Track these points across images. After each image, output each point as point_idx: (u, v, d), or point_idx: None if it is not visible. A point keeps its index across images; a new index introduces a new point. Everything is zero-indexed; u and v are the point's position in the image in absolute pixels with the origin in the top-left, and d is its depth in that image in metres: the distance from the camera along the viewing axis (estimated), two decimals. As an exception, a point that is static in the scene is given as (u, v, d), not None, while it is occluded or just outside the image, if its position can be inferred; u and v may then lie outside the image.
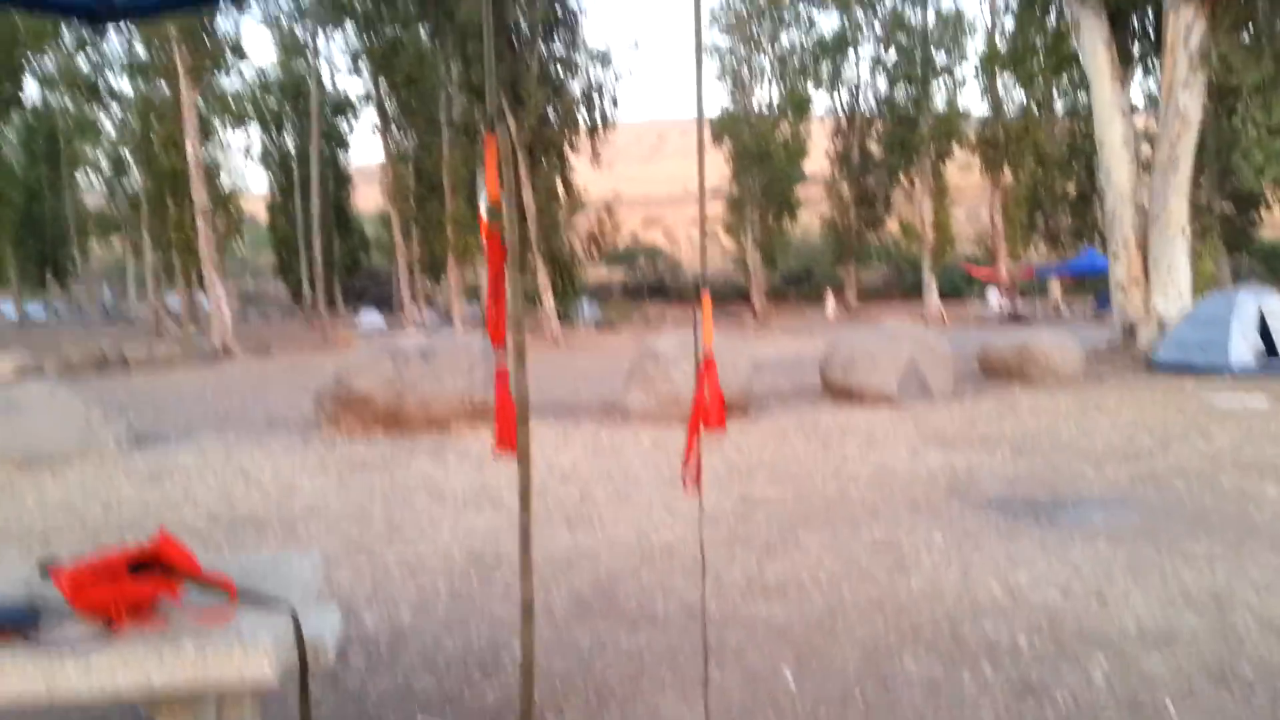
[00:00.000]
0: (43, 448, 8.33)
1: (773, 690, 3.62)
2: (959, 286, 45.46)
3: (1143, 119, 21.99)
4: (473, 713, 3.52)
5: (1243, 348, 12.76)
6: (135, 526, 6.20)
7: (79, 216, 49.46)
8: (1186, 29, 14.88)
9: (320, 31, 42.98)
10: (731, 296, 52.04)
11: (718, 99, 45.64)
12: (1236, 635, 4.02)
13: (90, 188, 51.84)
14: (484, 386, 9.81)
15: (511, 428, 2.21)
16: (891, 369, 11.34)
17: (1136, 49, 18.11)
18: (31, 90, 43.48)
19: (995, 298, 37.63)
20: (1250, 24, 15.24)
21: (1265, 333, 13.01)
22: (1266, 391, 11.06)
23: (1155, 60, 17.42)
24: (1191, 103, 15.21)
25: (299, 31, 46.17)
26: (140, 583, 2.21)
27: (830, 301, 43.29)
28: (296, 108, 50.55)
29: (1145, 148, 17.32)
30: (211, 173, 32.89)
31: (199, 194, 27.41)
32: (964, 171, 45.54)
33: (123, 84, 40.46)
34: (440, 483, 7.46)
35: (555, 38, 30.53)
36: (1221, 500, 6.39)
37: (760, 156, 43.03)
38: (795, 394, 12.46)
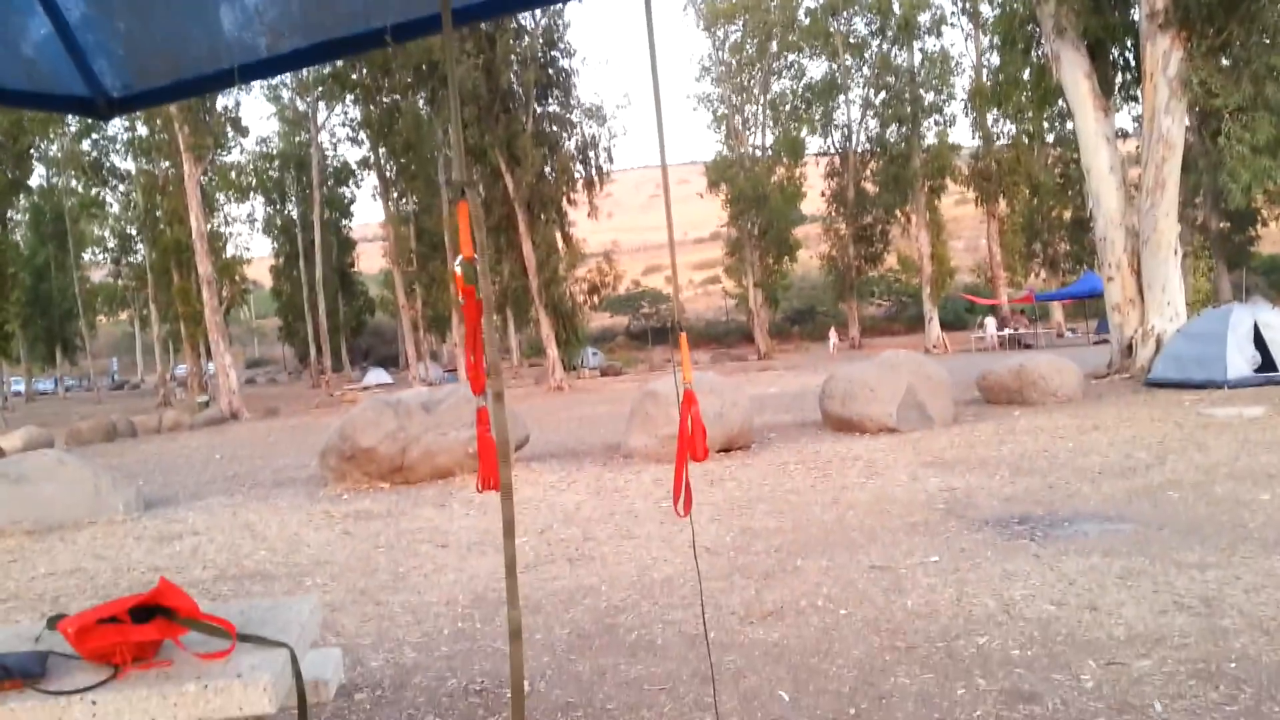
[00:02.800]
0: (53, 516, 8.45)
1: (769, 711, 3.68)
2: (961, 316, 45.60)
3: (1133, 143, 22.23)
4: (474, 745, 3.59)
5: (1238, 361, 12.83)
6: (144, 587, 6.30)
7: (86, 293, 50.06)
8: (1164, 57, 15.15)
9: (320, 104, 43.85)
10: (735, 336, 52.30)
11: (713, 145, 46.14)
12: (1225, 636, 4.07)
13: (97, 263, 52.55)
14: (486, 435, 9.94)
15: (493, 468, 2.33)
16: (890, 398, 11.43)
17: (1118, 79, 18.39)
18: (38, 172, 44.30)
19: (993, 326, 37.71)
20: (1226, 48, 15.50)
21: (1261, 345, 13.07)
22: (1262, 403, 11.12)
23: (1137, 89, 17.68)
24: (1174, 127, 15.44)
25: (300, 104, 47.03)
26: (143, 628, 2.32)
27: (833, 337, 43.44)
28: (299, 177, 51.36)
29: (1135, 172, 17.52)
30: (215, 243, 33.41)
31: (203, 265, 27.82)
32: (960, 204, 45.94)
33: (127, 163, 41.24)
34: (444, 530, 7.55)
35: (549, 97, 31.07)
36: (1216, 509, 6.45)
37: (757, 200, 43.49)
38: (796, 427, 12.54)
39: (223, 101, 30.70)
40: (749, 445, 10.91)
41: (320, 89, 42.01)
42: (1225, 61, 15.76)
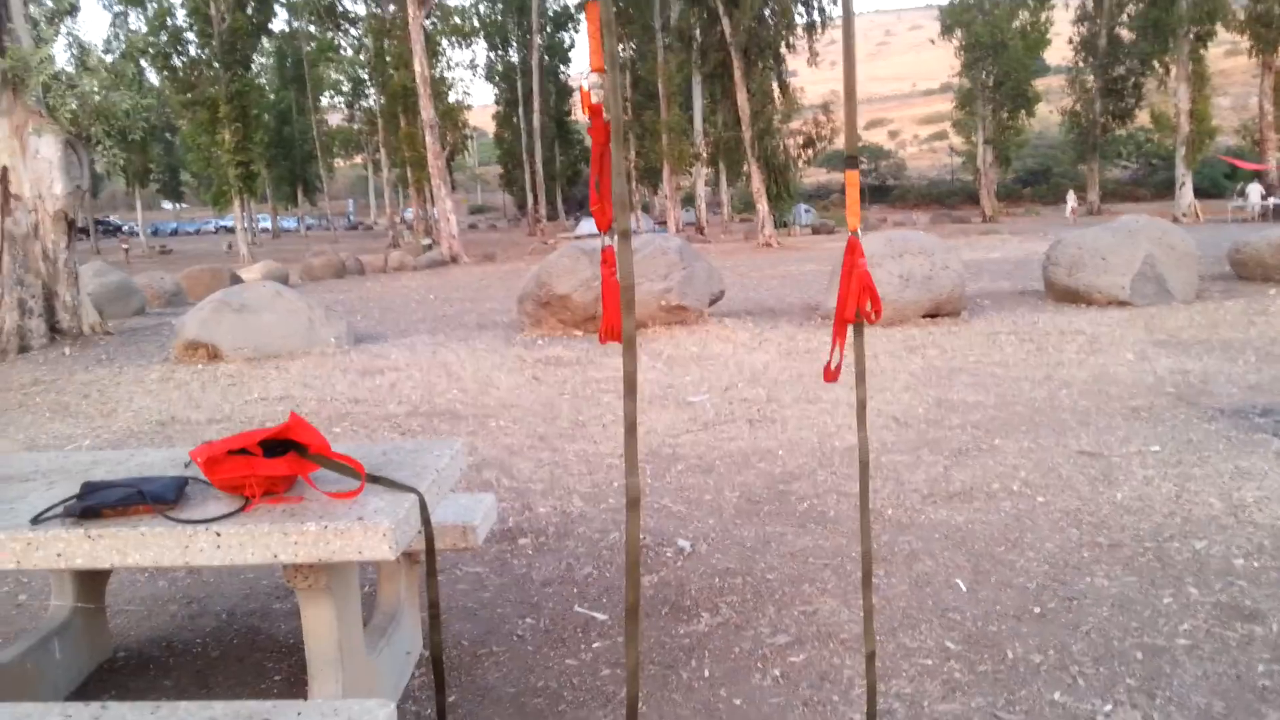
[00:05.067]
0: (271, 345, 9.02)
1: (942, 600, 3.39)
2: (1219, 183, 41.09)
3: None
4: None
5: None
6: (346, 417, 6.61)
7: (324, 136, 52.94)
8: None
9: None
10: (959, 198, 49.54)
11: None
12: None
13: (335, 107, 55.29)
14: (680, 290, 9.76)
15: (618, 317, 2.06)
16: (1124, 267, 10.36)
17: None
18: (280, 17, 46.48)
19: (1257, 193, 33.70)
20: None
21: None
22: None
23: None
24: None
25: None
26: (273, 462, 2.28)
27: (1071, 200, 40.19)
28: (520, 22, 51.58)
29: None
30: (439, 89, 34.22)
31: (426, 110, 28.57)
32: (1230, 54, 40.76)
33: (358, 7, 42.59)
34: (630, 382, 7.50)
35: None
36: None
37: (995, 47, 40.09)
38: (1015, 296, 11.67)
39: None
40: (958, 313, 10.23)
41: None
42: None
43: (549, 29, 51.59)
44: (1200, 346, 7.98)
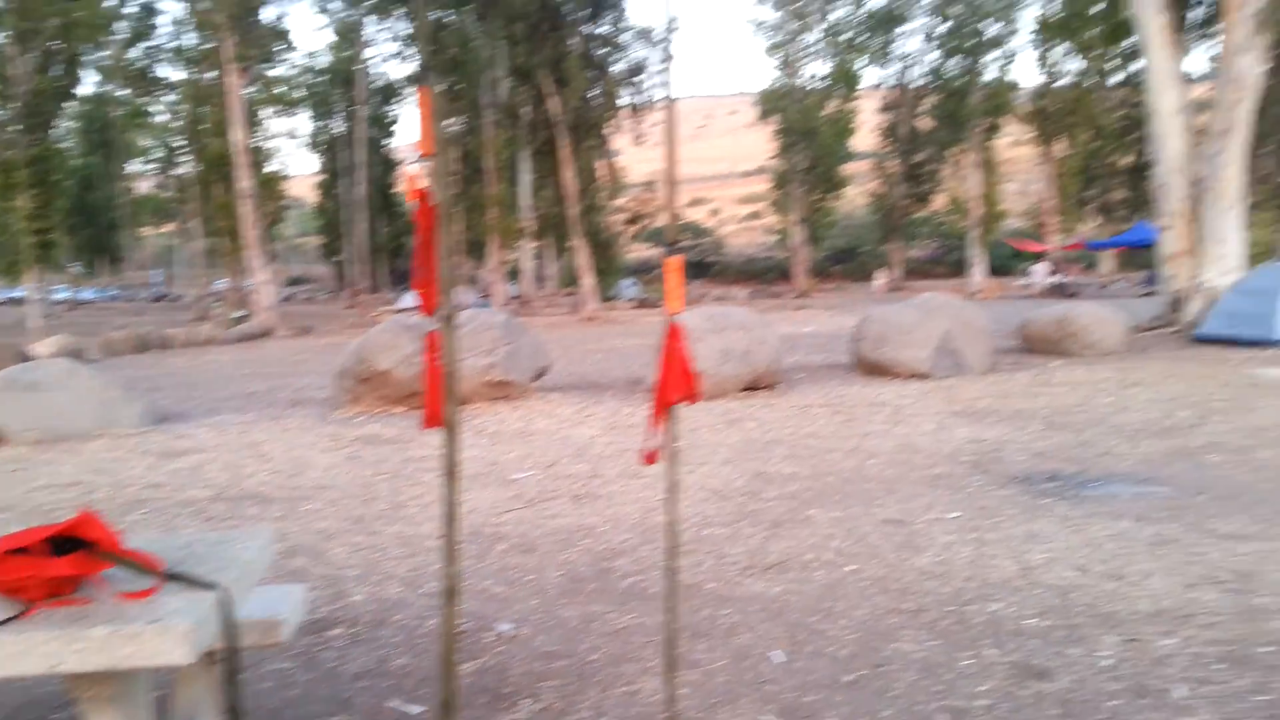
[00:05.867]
0: (61, 426, 8.39)
1: (760, 672, 3.46)
2: (1007, 262, 44.57)
3: (1200, 89, 21.19)
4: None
5: (1294, 320, 12.25)
6: (143, 504, 6.20)
7: (133, 203, 50.32)
8: (1248, -8, 14.27)
9: (369, 17, 43.26)
10: (775, 274, 51.66)
11: (768, 75, 44.94)
12: (1259, 616, 3.77)
13: (145, 174, 52.73)
14: (504, 365, 9.72)
15: (440, 401, 2.04)
16: (924, 342, 11.04)
17: (1193, 15, 17.41)
18: (89, 79, 44.19)
19: (1042, 272, 36.81)
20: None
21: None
22: (1320, 365, 10.61)
23: (1213, 26, 16.71)
24: (1250, 68, 14.60)
25: (348, 17, 46.45)
26: (58, 561, 2.11)
27: (879, 277, 42.65)
28: (345, 93, 50.98)
29: (1201, 118, 16.64)
30: (258, 158, 33.26)
31: (245, 179, 27.70)
32: (1015, 145, 44.61)
33: (174, 74, 41.06)
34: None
35: (599, 18, 30.31)
36: (1258, 476, 6.08)
37: (807, 133, 42.46)
38: (826, 369, 12.20)
39: (270, 12, 30.25)
40: (774, 385, 10.61)
41: (370, 1, 41.31)
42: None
43: (376, 100, 51.15)
44: (993, 416, 8.55)
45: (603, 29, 30.68)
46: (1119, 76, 38.60)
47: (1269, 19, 14.25)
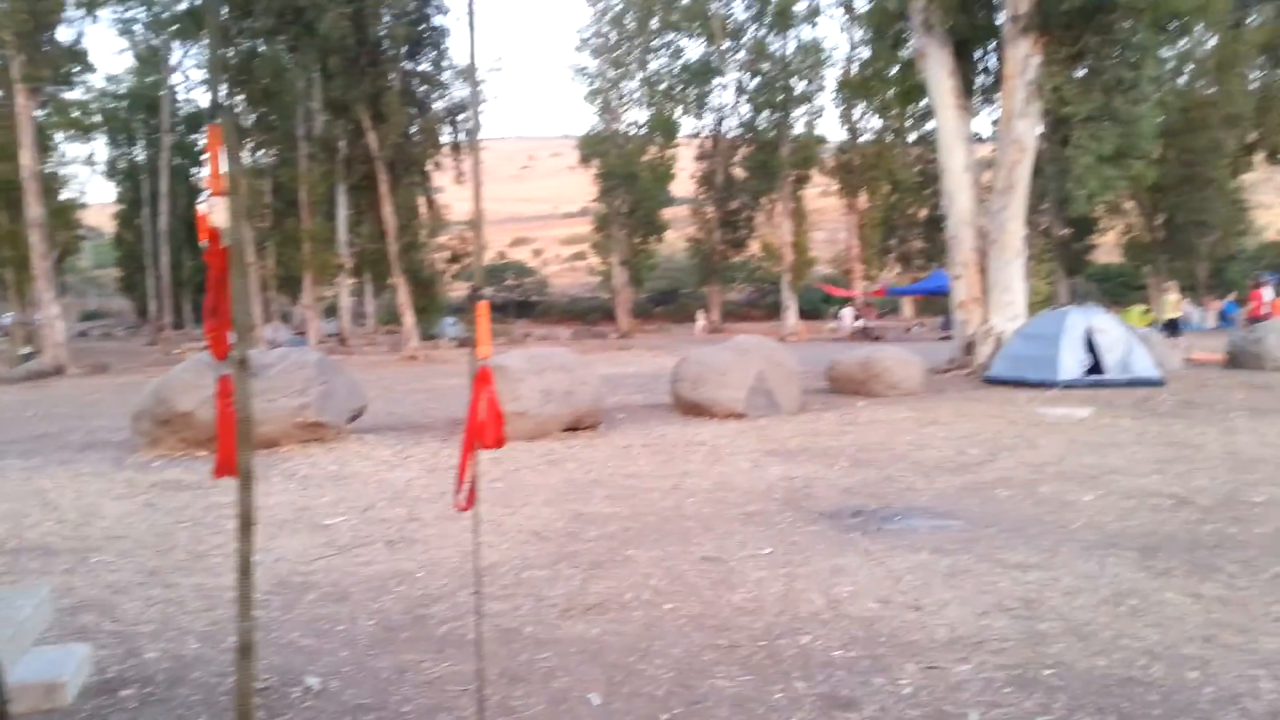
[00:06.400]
0: None
1: (577, 716, 3.46)
2: (818, 306, 46.63)
3: (988, 148, 22.92)
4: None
5: (1070, 363, 13.33)
6: (-98, 559, 5.61)
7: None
8: (1024, 61, 15.59)
9: (174, 43, 41.32)
10: (598, 314, 52.15)
11: (589, 119, 45.67)
12: (1043, 641, 4.06)
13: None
14: (318, 406, 9.38)
15: (233, 449, 1.96)
16: (739, 383, 11.38)
17: (979, 80, 18.85)
18: None
19: (849, 316, 38.75)
20: (1082, 57, 16.02)
21: (1093, 349, 13.62)
22: (1091, 404, 11.56)
23: (996, 92, 18.14)
24: (1028, 131, 15.93)
25: (152, 41, 44.19)
26: None
27: (700, 319, 43.79)
28: (148, 120, 48.34)
29: (988, 175, 17.99)
30: (50, 185, 30.99)
31: (34, 207, 25.72)
32: (824, 195, 46.88)
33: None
34: (258, 505, 7.03)
35: (420, 55, 30.01)
36: (1041, 508, 6.57)
37: (627, 177, 43.26)
38: (647, 409, 12.38)
39: (67, 32, 28.35)
40: (596, 425, 10.68)
41: (175, 26, 39.48)
42: (1081, 71, 16.30)
43: (181, 128, 48.69)
44: (804, 454, 8.88)
45: (423, 67, 30.37)
46: (914, 135, 41.26)
47: (1042, 88, 15.61)
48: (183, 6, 34.78)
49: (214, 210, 1.93)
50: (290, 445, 9.15)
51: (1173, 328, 22.67)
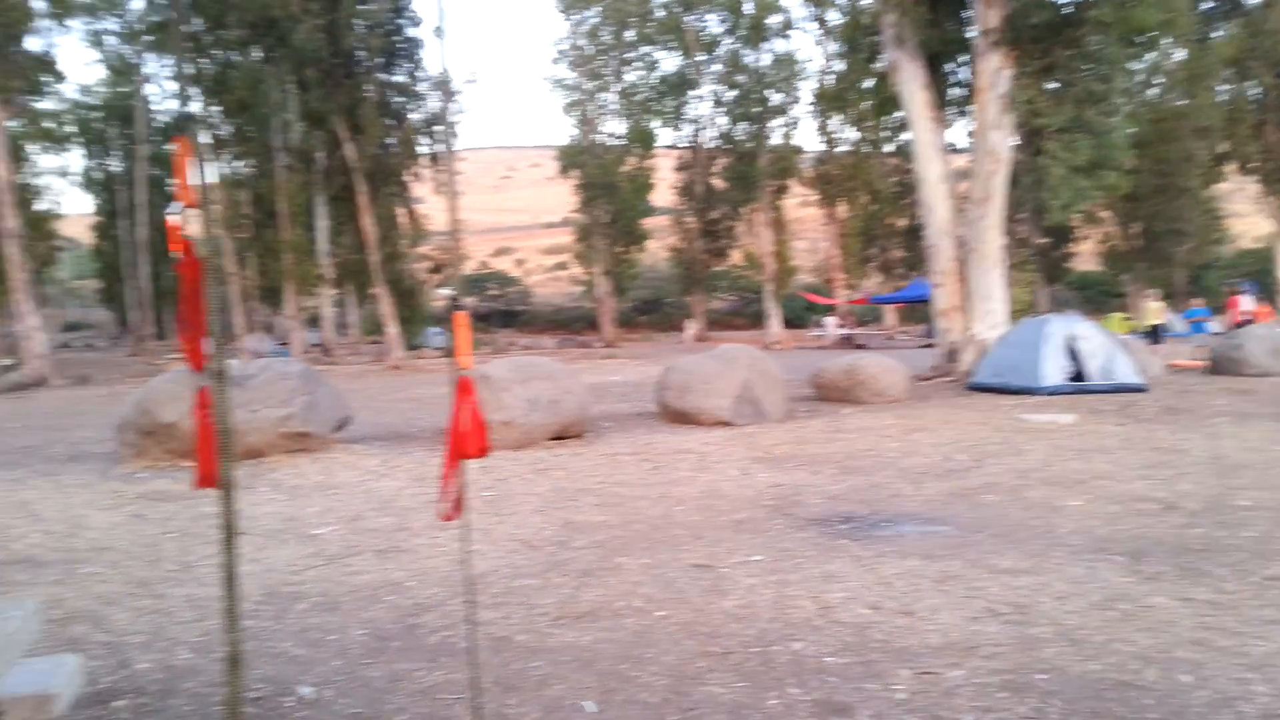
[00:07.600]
0: None
1: (572, 723, 3.45)
2: (801, 314, 46.78)
3: (964, 159, 23.11)
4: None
5: (1052, 370, 13.43)
6: (-117, 573, 5.54)
7: None
8: (995, 74, 15.74)
9: (148, 53, 41.08)
10: (582, 324, 52.15)
11: (568, 130, 45.73)
12: (1035, 645, 4.08)
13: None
14: (303, 416, 9.34)
15: (214, 462, 1.95)
16: (725, 391, 11.40)
17: (953, 93, 18.98)
18: None
19: (832, 324, 38.91)
20: (1053, 70, 16.18)
21: (1075, 356, 13.73)
22: (1074, 410, 11.64)
23: (970, 104, 18.29)
24: (1002, 143, 16.08)
25: (126, 51, 43.92)
26: None
27: (689, 327, 43.83)
28: (124, 130, 48.01)
29: (965, 185, 18.13)
30: (26, 196, 30.78)
31: (10, 219, 25.52)
32: (804, 205, 47.05)
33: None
34: (244, 515, 6.98)
35: (396, 66, 29.99)
36: (1029, 513, 6.61)
37: (607, 188, 43.30)
38: (633, 418, 12.39)
39: (38, 42, 28.18)
40: (582, 434, 10.67)
41: (149, 38, 39.26)
42: (1052, 84, 16.45)
43: (157, 139, 48.38)
44: (792, 461, 8.91)
45: (399, 78, 30.34)
46: (891, 146, 41.56)
47: (1014, 100, 15.76)
48: (155, 18, 34.54)
49: (187, 221, 1.92)
50: (276, 456, 9.10)
51: (1155, 334, 22.90)
